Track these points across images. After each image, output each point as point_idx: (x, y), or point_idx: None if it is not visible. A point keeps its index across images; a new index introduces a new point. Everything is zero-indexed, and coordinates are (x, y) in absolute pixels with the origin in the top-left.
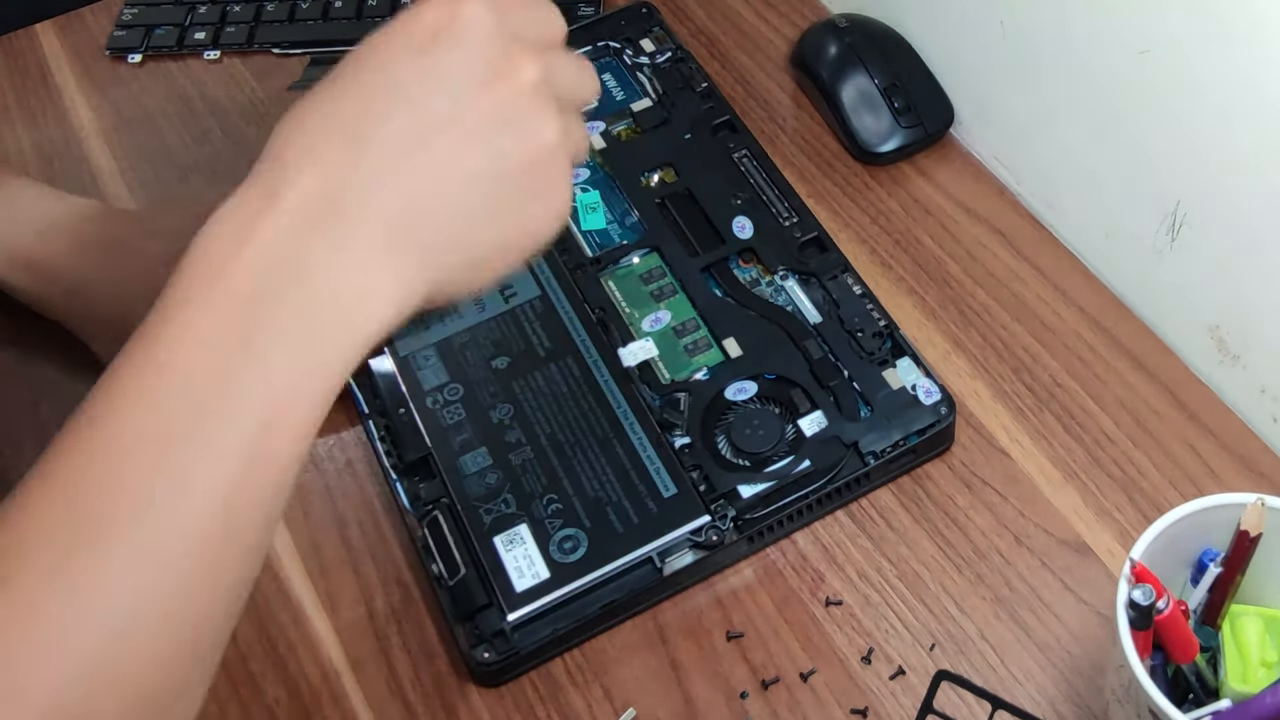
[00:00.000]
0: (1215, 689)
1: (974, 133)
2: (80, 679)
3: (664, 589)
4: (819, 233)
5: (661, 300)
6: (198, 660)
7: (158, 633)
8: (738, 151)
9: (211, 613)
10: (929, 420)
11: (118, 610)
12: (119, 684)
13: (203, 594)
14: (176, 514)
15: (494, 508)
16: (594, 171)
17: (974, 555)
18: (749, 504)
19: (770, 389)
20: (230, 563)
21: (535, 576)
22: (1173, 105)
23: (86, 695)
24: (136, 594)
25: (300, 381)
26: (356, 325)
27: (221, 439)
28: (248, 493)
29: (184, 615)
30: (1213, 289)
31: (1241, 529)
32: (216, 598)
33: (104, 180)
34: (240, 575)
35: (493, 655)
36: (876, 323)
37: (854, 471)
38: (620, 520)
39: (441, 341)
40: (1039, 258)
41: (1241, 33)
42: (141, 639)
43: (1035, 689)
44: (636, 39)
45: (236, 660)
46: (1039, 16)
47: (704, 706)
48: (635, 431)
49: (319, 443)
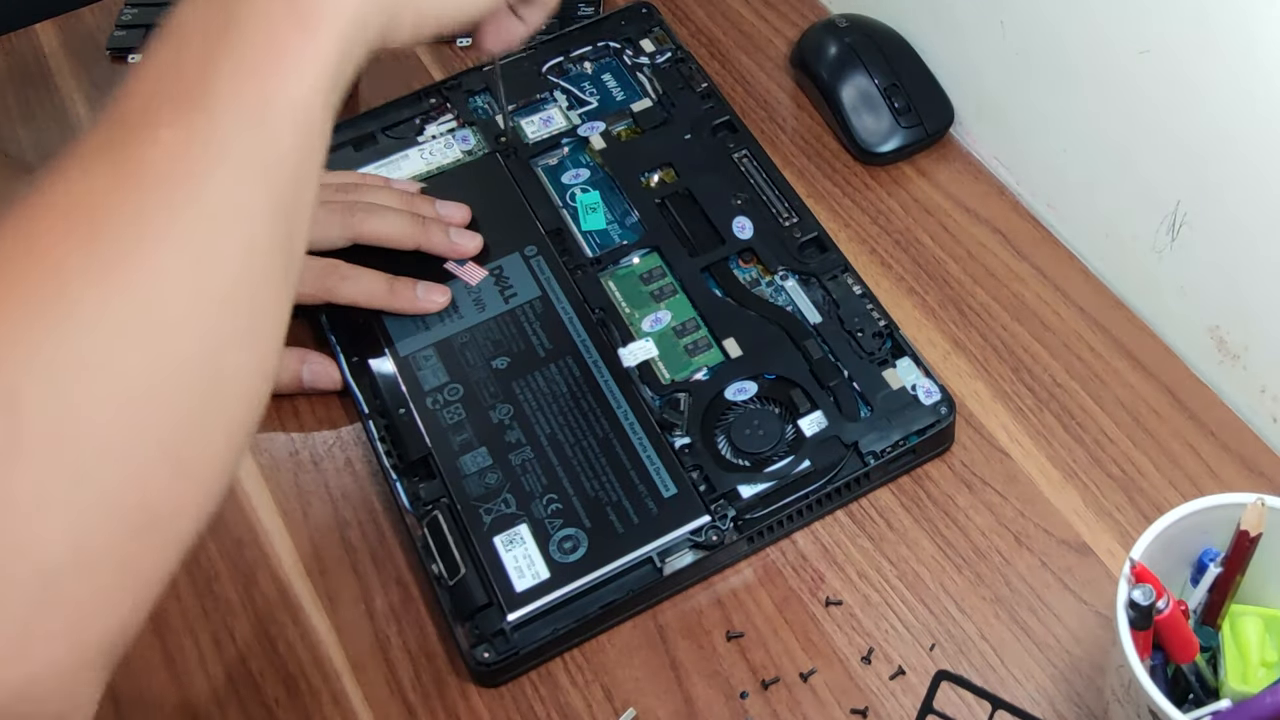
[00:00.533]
0: (1215, 689)
1: (974, 133)
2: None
3: (664, 589)
4: (819, 233)
5: (661, 300)
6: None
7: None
8: (738, 152)
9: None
10: (929, 420)
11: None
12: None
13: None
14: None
15: (494, 508)
16: (594, 172)
17: (974, 555)
18: (749, 504)
19: (770, 389)
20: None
21: (535, 576)
22: (1173, 105)
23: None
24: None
25: (285, 54)
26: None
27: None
28: (264, 189)
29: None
30: (1213, 289)
31: (1241, 529)
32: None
33: None
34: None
35: (493, 655)
36: (876, 323)
37: (854, 471)
38: (620, 520)
39: (441, 342)
40: (1039, 258)
41: (1241, 32)
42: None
43: (1035, 689)
44: (636, 39)
45: (236, 660)
46: (1039, 16)
47: (704, 706)
48: (635, 432)
49: (319, 442)
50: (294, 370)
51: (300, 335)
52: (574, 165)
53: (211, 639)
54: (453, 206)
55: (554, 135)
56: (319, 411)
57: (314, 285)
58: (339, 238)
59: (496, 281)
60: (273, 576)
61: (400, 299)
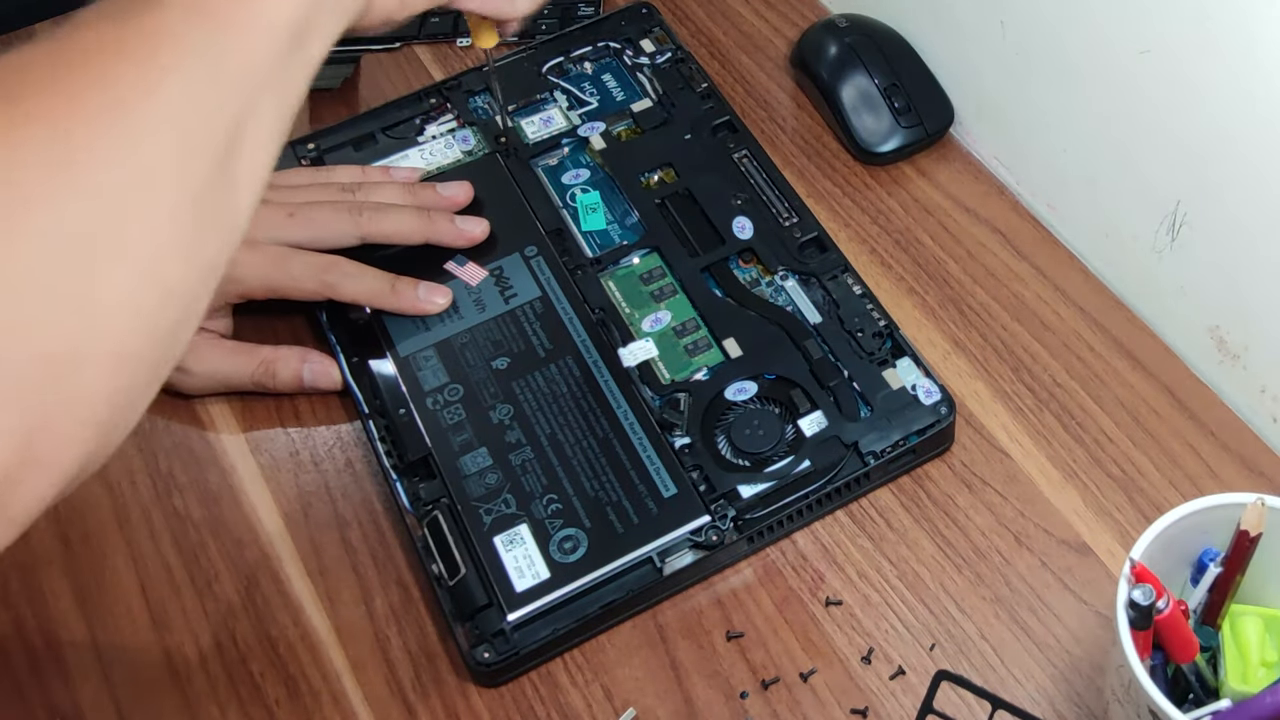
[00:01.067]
0: (1215, 689)
1: (974, 133)
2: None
3: (664, 589)
4: (819, 233)
5: (661, 300)
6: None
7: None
8: (738, 152)
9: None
10: (929, 420)
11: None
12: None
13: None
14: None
15: (494, 508)
16: (594, 172)
17: (974, 555)
18: (749, 504)
19: (770, 389)
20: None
21: (535, 576)
22: (1173, 105)
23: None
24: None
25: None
26: None
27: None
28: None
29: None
30: (1213, 289)
31: (1241, 529)
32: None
33: None
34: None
35: (493, 655)
36: (876, 323)
37: (854, 471)
38: (620, 520)
39: (441, 342)
40: (1039, 258)
41: (1241, 32)
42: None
43: (1035, 689)
44: (636, 39)
45: (236, 660)
46: (1039, 16)
47: (704, 706)
48: (635, 432)
49: (319, 442)
50: (295, 369)
51: (300, 335)
52: (574, 165)
53: (212, 639)
54: (455, 186)
55: (554, 135)
56: (319, 411)
57: (316, 281)
58: (349, 236)
59: (497, 282)
60: (273, 577)
61: (402, 299)
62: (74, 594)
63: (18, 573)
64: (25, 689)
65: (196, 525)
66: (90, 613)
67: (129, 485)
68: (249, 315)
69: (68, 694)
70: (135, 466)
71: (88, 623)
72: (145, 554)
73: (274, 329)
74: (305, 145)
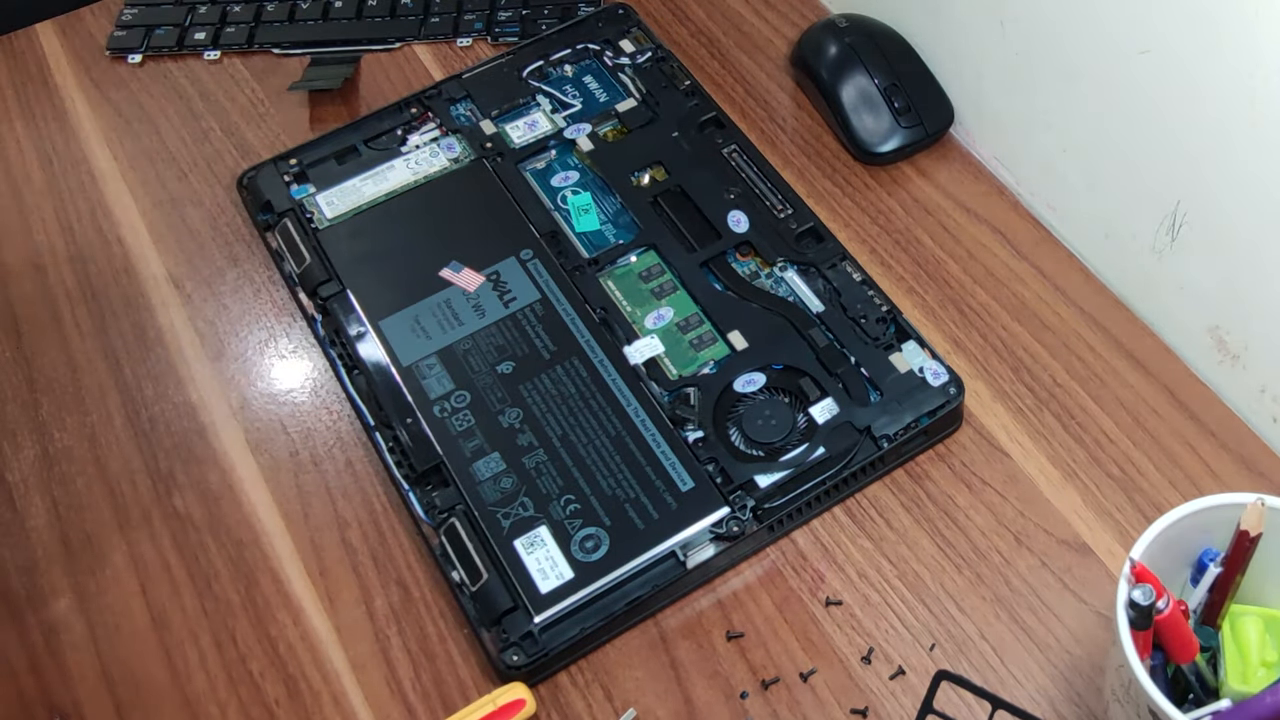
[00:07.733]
0: (1215, 689)
1: (974, 133)
2: None
3: (689, 582)
4: (814, 223)
5: (662, 297)
6: None
7: None
8: (727, 147)
9: None
10: (939, 401)
11: None
12: None
13: None
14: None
15: (512, 511)
16: (584, 174)
17: (974, 555)
18: (767, 493)
19: (779, 379)
20: None
21: (559, 577)
22: (1173, 105)
23: None
24: None
25: None
26: None
27: None
28: None
29: None
30: (1213, 289)
31: (1241, 529)
32: None
33: (104, 180)
34: None
35: (522, 658)
36: (879, 308)
37: (869, 455)
38: (640, 517)
39: (444, 350)
40: (1039, 258)
41: (1242, 33)
42: None
43: (1035, 689)
44: (615, 40)
45: (236, 660)
46: (1039, 16)
47: (704, 706)
48: (648, 428)
49: (319, 442)
50: None
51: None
52: (562, 168)
53: (212, 640)
54: None
55: (540, 139)
56: (319, 412)
57: None
58: None
59: (494, 286)
60: (273, 577)
61: None
62: (74, 594)
63: (18, 573)
64: (25, 689)
65: (196, 525)
66: (90, 613)
67: (129, 485)
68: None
69: (68, 694)
70: (135, 466)
71: (88, 623)
72: (145, 554)
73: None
74: (287, 162)
